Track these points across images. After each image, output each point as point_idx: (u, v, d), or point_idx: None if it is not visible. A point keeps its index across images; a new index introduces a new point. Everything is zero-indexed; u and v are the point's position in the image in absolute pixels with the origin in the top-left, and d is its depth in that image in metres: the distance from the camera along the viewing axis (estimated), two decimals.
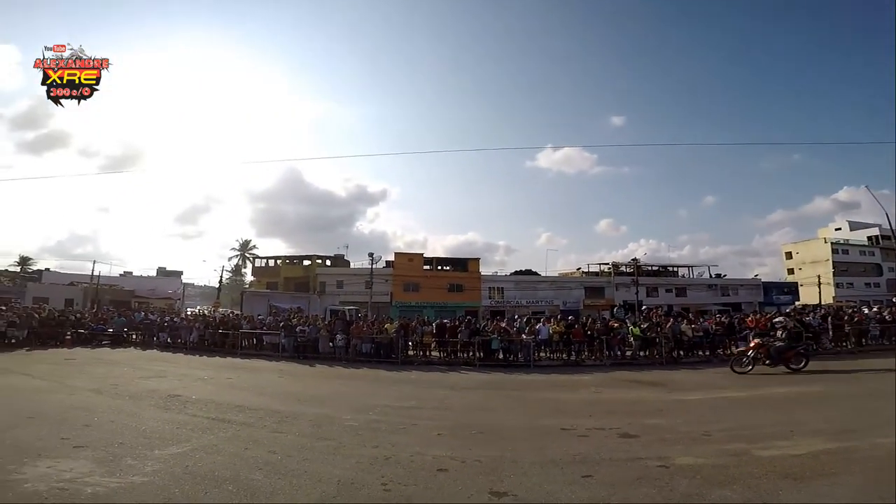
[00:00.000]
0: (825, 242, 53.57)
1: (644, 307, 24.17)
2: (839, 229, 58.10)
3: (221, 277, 44.98)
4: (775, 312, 18.28)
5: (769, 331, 12.46)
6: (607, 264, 49.54)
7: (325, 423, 6.50)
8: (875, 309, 20.83)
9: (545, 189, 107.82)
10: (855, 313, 18.25)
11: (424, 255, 44.68)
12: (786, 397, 8.54)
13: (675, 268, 51.44)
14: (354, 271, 41.85)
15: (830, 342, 15.61)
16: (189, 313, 24.64)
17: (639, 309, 28.24)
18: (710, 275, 50.58)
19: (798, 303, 40.64)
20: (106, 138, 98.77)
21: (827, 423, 6.15)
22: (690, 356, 15.16)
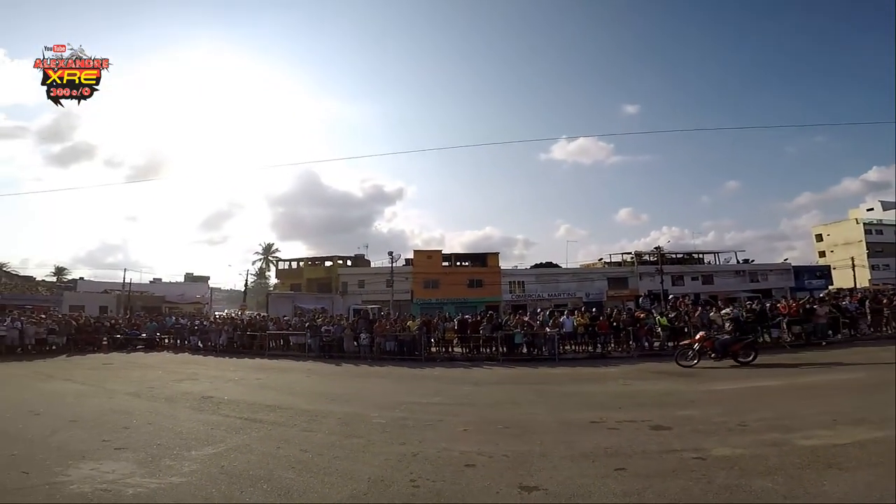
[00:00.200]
0: (857, 223, 51.50)
1: (671, 296, 23.64)
2: (871, 209, 55.84)
3: (247, 281, 46.04)
4: (808, 297, 17.63)
5: (714, 322, 12.54)
6: (630, 254, 48.59)
7: (353, 422, 6.55)
8: None
9: (562, 181, 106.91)
10: (894, 296, 17.47)
11: (443, 252, 44.72)
12: (827, 385, 8.25)
13: (701, 254, 50.00)
14: (375, 270, 42.18)
15: (869, 327, 15.02)
16: (217, 316, 25.22)
17: (665, 298, 27.66)
18: (738, 260, 48.94)
19: (832, 287, 39.17)
20: (129, 148, 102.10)
21: (872, 412, 5.87)
22: None
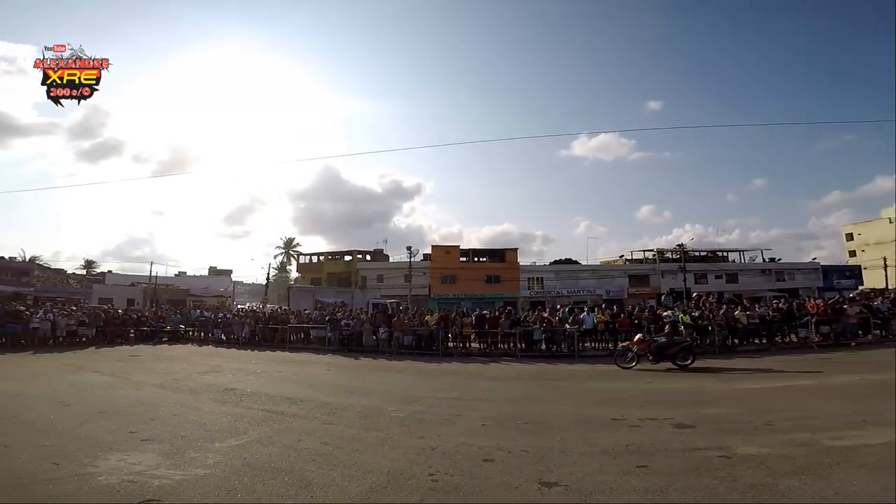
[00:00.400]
0: (889, 222, 49.43)
1: (694, 294, 23.14)
2: None
3: (268, 275, 46.79)
4: (838, 297, 17.05)
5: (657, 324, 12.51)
6: (651, 251, 47.60)
7: (373, 415, 6.60)
8: None
9: (582, 177, 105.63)
10: None
11: (461, 248, 44.58)
12: (857, 386, 8.01)
13: (725, 252, 48.66)
14: (393, 265, 42.35)
15: None
16: (239, 309, 25.71)
17: (687, 296, 27.11)
18: (764, 259, 47.46)
19: (862, 287, 37.79)
20: (156, 144, 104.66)
21: None
22: (746, 344, 14.48)
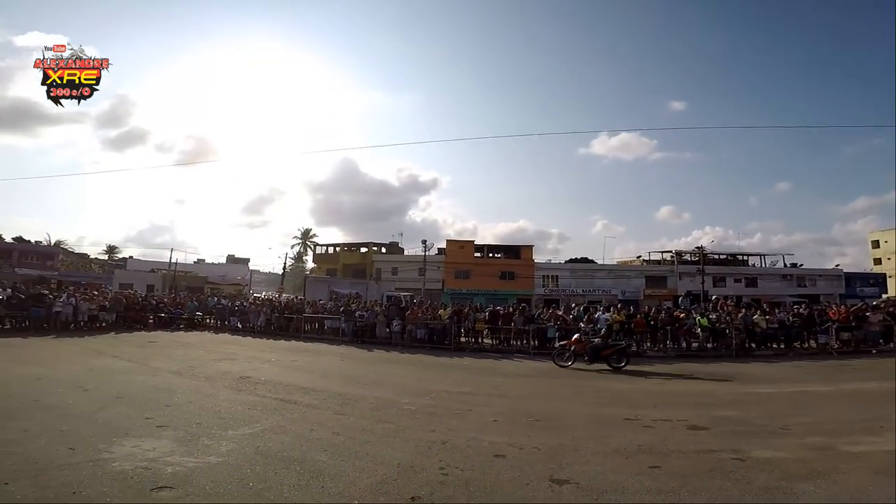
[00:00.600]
0: None
1: (713, 297, 22.73)
2: None
3: (285, 264, 47.41)
4: (861, 305, 16.60)
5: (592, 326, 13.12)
6: (669, 252, 46.89)
7: (385, 407, 6.64)
8: None
9: (600, 176, 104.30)
10: None
11: (476, 243, 44.43)
12: (874, 392, 7.83)
13: (745, 256, 47.75)
14: (408, 258, 42.45)
15: None
16: (256, 298, 26.07)
17: (705, 299, 26.65)
18: (785, 264, 46.49)
19: (886, 295, 36.69)
20: (179, 134, 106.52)
21: None
22: (763, 349, 14.21)
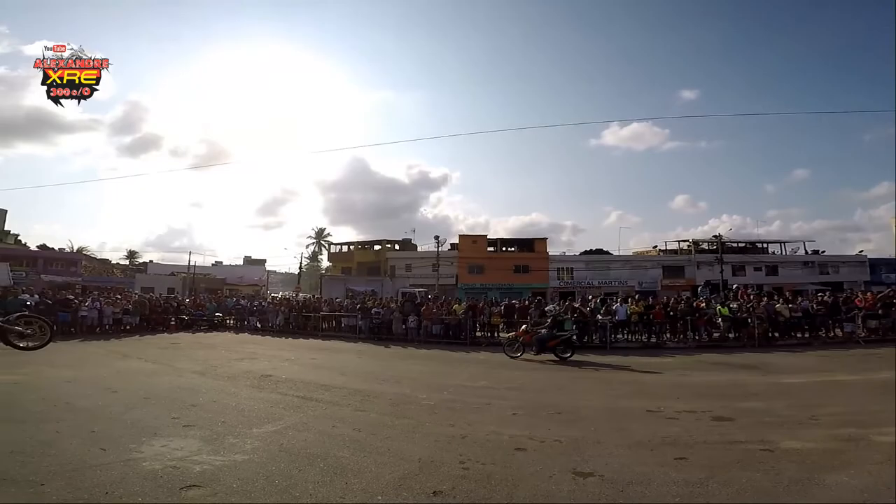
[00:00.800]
0: None
1: (733, 286, 22.26)
2: None
3: (301, 264, 47.92)
4: (888, 291, 16.09)
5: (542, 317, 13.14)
6: (687, 241, 46.08)
7: (404, 402, 6.67)
8: None
9: (613, 167, 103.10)
10: None
11: (488, 237, 44.35)
12: None
13: (765, 244, 46.58)
14: (421, 254, 42.56)
15: None
16: (273, 298, 26.40)
17: (724, 289, 26.14)
18: (806, 251, 45.16)
19: None
20: (192, 138, 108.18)
21: None
22: (787, 338, 13.93)
